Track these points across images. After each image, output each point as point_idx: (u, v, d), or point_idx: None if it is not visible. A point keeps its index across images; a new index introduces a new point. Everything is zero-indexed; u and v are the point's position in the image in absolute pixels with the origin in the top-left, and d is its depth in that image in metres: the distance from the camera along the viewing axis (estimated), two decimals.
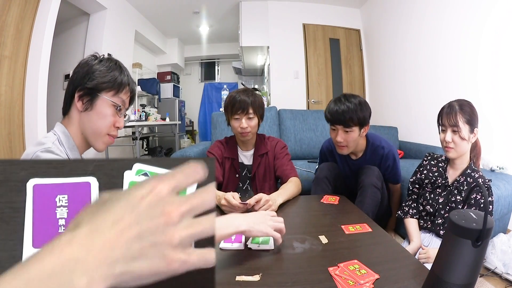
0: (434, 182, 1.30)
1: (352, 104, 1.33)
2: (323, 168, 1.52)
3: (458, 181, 1.23)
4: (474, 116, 1.18)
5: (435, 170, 1.32)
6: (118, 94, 0.84)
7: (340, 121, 1.34)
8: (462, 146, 1.19)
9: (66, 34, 3.82)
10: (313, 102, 4.08)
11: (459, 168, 1.25)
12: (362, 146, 1.51)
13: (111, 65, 0.84)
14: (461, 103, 1.21)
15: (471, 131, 1.18)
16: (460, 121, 1.17)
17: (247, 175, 1.49)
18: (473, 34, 2.21)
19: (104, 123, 0.83)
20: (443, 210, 1.24)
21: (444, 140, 1.21)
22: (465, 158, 1.24)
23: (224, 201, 1.05)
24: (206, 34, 5.79)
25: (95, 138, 0.85)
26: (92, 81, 0.80)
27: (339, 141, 1.38)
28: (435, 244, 1.24)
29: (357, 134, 1.37)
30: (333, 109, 1.36)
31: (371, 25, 4.04)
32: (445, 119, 1.21)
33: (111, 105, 0.83)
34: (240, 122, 1.37)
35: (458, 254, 0.54)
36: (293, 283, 0.64)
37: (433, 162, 1.35)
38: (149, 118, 4.37)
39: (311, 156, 2.79)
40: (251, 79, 6.41)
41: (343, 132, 1.37)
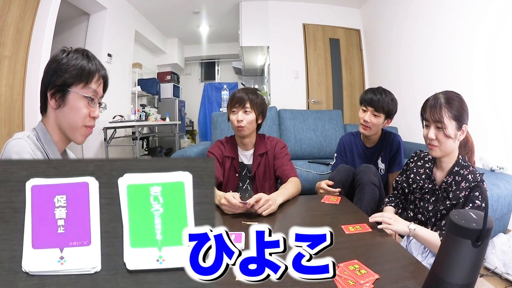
0: (422, 186, 1.18)
1: (387, 97, 1.54)
2: (340, 170, 1.53)
3: (446, 182, 1.10)
4: (463, 111, 1.04)
5: (422, 172, 1.20)
6: (88, 85, 0.83)
7: (373, 104, 1.53)
8: (447, 145, 1.05)
9: (66, 34, 3.81)
10: (313, 102, 4.08)
11: (446, 167, 1.12)
12: (378, 136, 1.67)
13: (77, 56, 0.83)
14: (449, 95, 1.06)
15: (459, 128, 1.05)
16: (446, 116, 1.03)
17: (247, 174, 1.49)
18: (471, 33, 2.21)
19: (78, 116, 0.84)
20: (433, 218, 1.12)
21: (427, 137, 1.08)
22: (452, 156, 1.10)
23: (225, 201, 1.05)
24: (206, 34, 5.79)
25: (73, 132, 0.86)
26: (60, 77, 0.81)
27: (367, 120, 1.55)
28: (430, 258, 1.06)
29: (382, 121, 1.55)
30: (369, 95, 1.56)
31: (371, 25, 4.03)
32: (429, 113, 1.07)
33: (83, 98, 0.83)
34: (237, 115, 1.39)
35: (458, 254, 0.54)
36: (293, 283, 0.64)
37: (420, 162, 1.23)
38: (149, 118, 4.37)
39: (311, 156, 2.79)
40: (251, 79, 6.40)
41: (372, 114, 1.54)
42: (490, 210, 0.56)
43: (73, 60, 0.82)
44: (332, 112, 3.03)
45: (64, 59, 0.81)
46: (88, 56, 0.85)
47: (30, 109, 2.63)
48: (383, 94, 1.54)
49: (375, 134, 1.63)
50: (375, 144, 1.68)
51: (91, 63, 0.84)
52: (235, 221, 1.01)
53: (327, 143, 2.82)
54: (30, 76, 2.61)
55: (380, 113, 1.53)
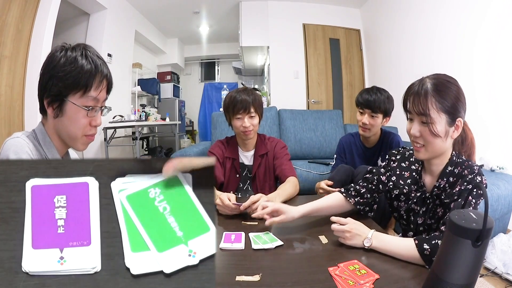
0: (408, 194, 0.94)
1: (382, 96, 1.54)
2: (339, 170, 1.55)
3: (437, 187, 0.87)
4: (458, 101, 0.79)
5: (407, 176, 0.95)
6: (87, 93, 0.75)
7: (369, 106, 1.54)
8: (435, 145, 0.81)
9: (66, 34, 3.81)
10: (313, 102, 4.08)
11: (437, 171, 0.88)
12: (377, 137, 1.68)
13: (75, 56, 0.74)
14: (439, 80, 0.80)
15: (451, 123, 0.80)
16: (433, 108, 0.78)
17: (248, 175, 1.49)
18: (472, 32, 2.21)
19: (77, 127, 0.77)
20: (424, 234, 0.90)
21: (410, 133, 0.84)
22: (445, 157, 0.86)
23: (219, 201, 1.05)
24: (206, 34, 5.79)
25: (73, 142, 0.81)
26: (55, 86, 0.73)
27: (365, 123, 1.57)
28: None
29: (380, 121, 1.57)
30: (365, 96, 1.56)
31: (371, 25, 4.03)
32: (411, 103, 0.81)
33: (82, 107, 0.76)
34: (243, 121, 1.38)
35: (458, 254, 0.54)
36: (293, 283, 0.64)
37: (405, 164, 0.97)
38: (149, 118, 4.37)
39: (311, 156, 2.79)
40: (251, 79, 6.40)
41: (370, 116, 1.56)
42: (490, 210, 0.56)
43: (70, 65, 0.73)
44: (332, 112, 3.03)
45: (61, 60, 0.73)
46: (87, 56, 0.75)
47: (30, 109, 2.63)
48: (378, 93, 1.55)
49: (374, 135, 1.65)
50: (374, 144, 1.69)
51: (90, 64, 0.74)
52: (235, 221, 1.01)
53: (327, 143, 2.82)
54: (30, 76, 2.61)
55: (378, 114, 1.54)
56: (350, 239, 0.80)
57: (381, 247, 0.77)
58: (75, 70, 0.73)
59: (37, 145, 0.78)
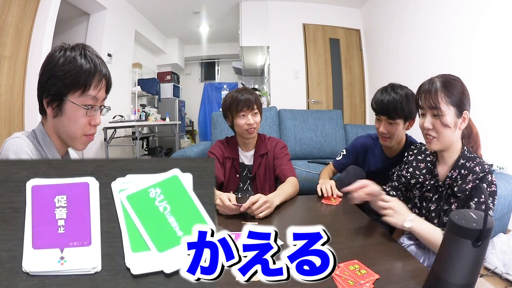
0: (423, 183, 1.04)
1: (398, 95, 1.26)
2: (350, 172, 1.34)
3: (450, 177, 0.96)
4: (463, 95, 0.93)
5: (422, 166, 1.06)
6: (86, 91, 0.75)
7: (384, 112, 1.28)
8: (446, 135, 0.92)
9: (66, 34, 3.82)
10: (313, 102, 4.08)
11: (449, 162, 0.98)
12: (401, 146, 1.40)
13: (74, 55, 0.74)
14: (446, 79, 0.94)
15: (459, 115, 0.92)
16: (443, 102, 0.91)
17: (248, 175, 1.49)
18: (470, 32, 2.21)
19: (77, 127, 0.78)
20: (436, 219, 0.99)
21: (423, 127, 0.96)
22: (455, 149, 0.97)
23: (219, 201, 1.05)
24: (206, 34, 5.79)
25: (72, 142, 0.81)
26: (54, 85, 0.74)
27: (383, 132, 1.31)
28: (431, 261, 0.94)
29: (401, 127, 1.30)
30: (378, 98, 1.30)
31: (371, 25, 4.03)
32: (424, 100, 0.94)
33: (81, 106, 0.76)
34: (247, 118, 1.38)
35: (458, 254, 0.54)
36: (293, 283, 0.64)
37: (420, 156, 1.09)
38: (149, 118, 4.37)
39: (311, 156, 2.79)
40: (251, 79, 6.40)
41: (387, 123, 1.30)
42: None
43: (69, 64, 0.73)
44: (332, 112, 3.03)
45: (61, 60, 0.74)
46: (86, 55, 0.76)
47: (30, 109, 2.64)
48: (392, 92, 1.28)
49: (398, 143, 1.38)
50: (397, 154, 1.40)
51: (89, 63, 0.75)
52: (235, 221, 1.01)
53: (327, 143, 2.82)
54: (30, 76, 2.61)
55: (396, 120, 1.27)
56: (392, 215, 0.87)
57: (420, 232, 0.84)
58: (74, 69, 0.73)
59: (37, 145, 0.78)
